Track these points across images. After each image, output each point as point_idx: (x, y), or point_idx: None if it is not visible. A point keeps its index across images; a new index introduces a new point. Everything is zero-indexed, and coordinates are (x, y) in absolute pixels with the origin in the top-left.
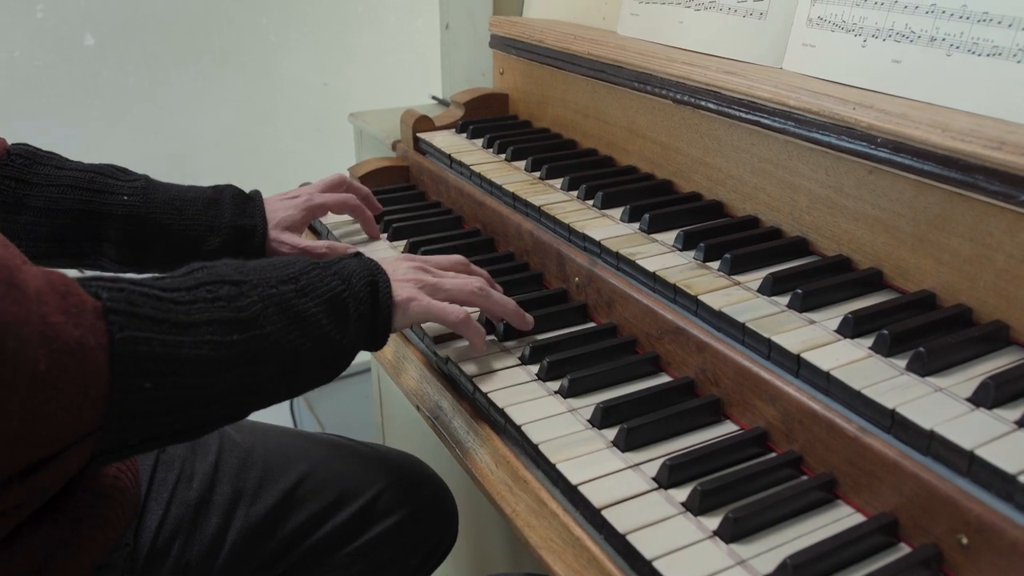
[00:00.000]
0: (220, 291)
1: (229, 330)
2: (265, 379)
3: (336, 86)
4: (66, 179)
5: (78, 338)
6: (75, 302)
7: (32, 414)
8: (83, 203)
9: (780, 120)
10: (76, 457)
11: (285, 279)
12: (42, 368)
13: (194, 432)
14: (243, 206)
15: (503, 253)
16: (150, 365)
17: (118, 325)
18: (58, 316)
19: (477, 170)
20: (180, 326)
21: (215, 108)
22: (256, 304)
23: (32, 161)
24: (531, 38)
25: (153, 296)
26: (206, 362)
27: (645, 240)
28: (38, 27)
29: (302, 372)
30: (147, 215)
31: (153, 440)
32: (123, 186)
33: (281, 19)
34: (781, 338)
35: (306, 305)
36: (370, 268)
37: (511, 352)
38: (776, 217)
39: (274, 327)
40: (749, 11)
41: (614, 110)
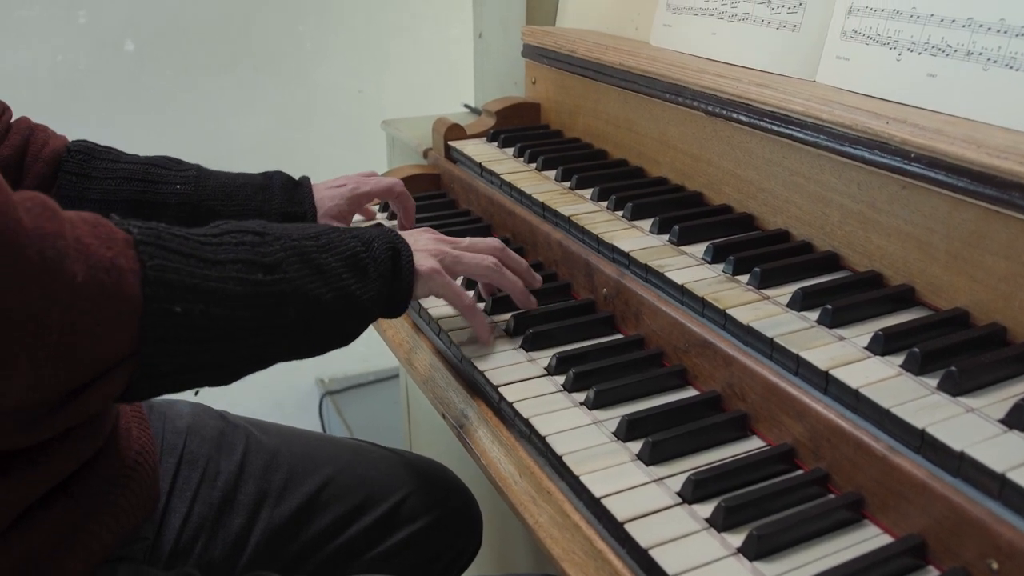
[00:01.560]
0: (244, 238)
1: (254, 269)
2: (288, 324)
3: (370, 93)
4: (122, 171)
5: (111, 258)
6: (106, 231)
7: (70, 327)
8: (138, 194)
9: (813, 133)
10: (115, 381)
11: (306, 236)
12: (79, 280)
13: (221, 372)
14: (292, 193)
15: (532, 263)
16: (179, 292)
17: (148, 254)
18: (91, 239)
19: (507, 179)
20: (207, 262)
21: (251, 113)
22: (279, 252)
23: (91, 156)
24: (563, 48)
25: (182, 236)
26: (232, 295)
27: (674, 252)
28: (80, 32)
29: (323, 322)
30: (199, 202)
31: (185, 372)
32: (176, 176)
33: (317, 26)
34: (810, 354)
35: (327, 259)
36: (391, 237)
37: (537, 362)
38: (807, 231)
39: (297, 274)
40: (783, 23)
41: (645, 121)
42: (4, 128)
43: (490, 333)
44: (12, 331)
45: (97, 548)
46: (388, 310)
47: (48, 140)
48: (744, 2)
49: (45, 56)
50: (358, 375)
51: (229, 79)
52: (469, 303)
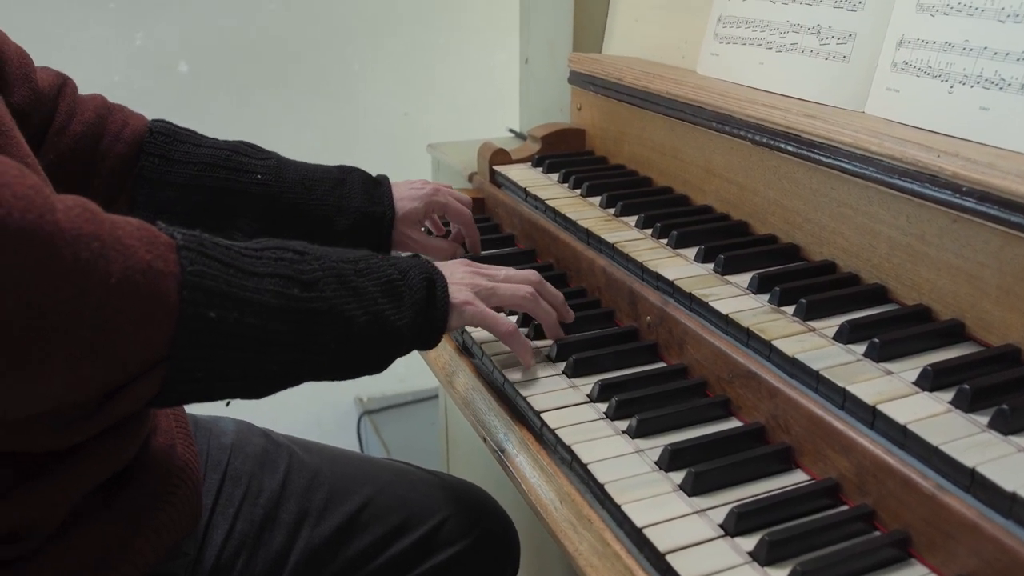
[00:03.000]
0: (284, 255)
1: (291, 285)
2: (321, 342)
3: (416, 116)
4: (204, 156)
5: (149, 261)
6: (149, 234)
7: (103, 325)
8: (220, 181)
9: (861, 165)
10: (148, 384)
11: (345, 260)
12: (113, 281)
13: (253, 383)
14: (372, 192)
15: (575, 289)
16: (215, 298)
17: (189, 259)
18: (132, 240)
19: (552, 204)
20: (246, 272)
21: (299, 134)
22: (317, 271)
23: (172, 139)
24: (610, 75)
25: (223, 246)
26: (267, 307)
27: (719, 282)
28: (137, 53)
29: (356, 344)
30: (279, 194)
31: (217, 380)
32: (257, 164)
33: (365, 49)
34: (856, 388)
35: (363, 283)
36: (427, 268)
37: (579, 389)
38: (854, 263)
39: (332, 293)
40: (832, 54)
41: (691, 149)
42: (70, 103)
43: (532, 356)
44: (47, 330)
45: (140, 563)
46: (422, 340)
47: (128, 120)
48: (793, 32)
49: (101, 77)
50: (397, 395)
51: (278, 100)
52: (507, 328)
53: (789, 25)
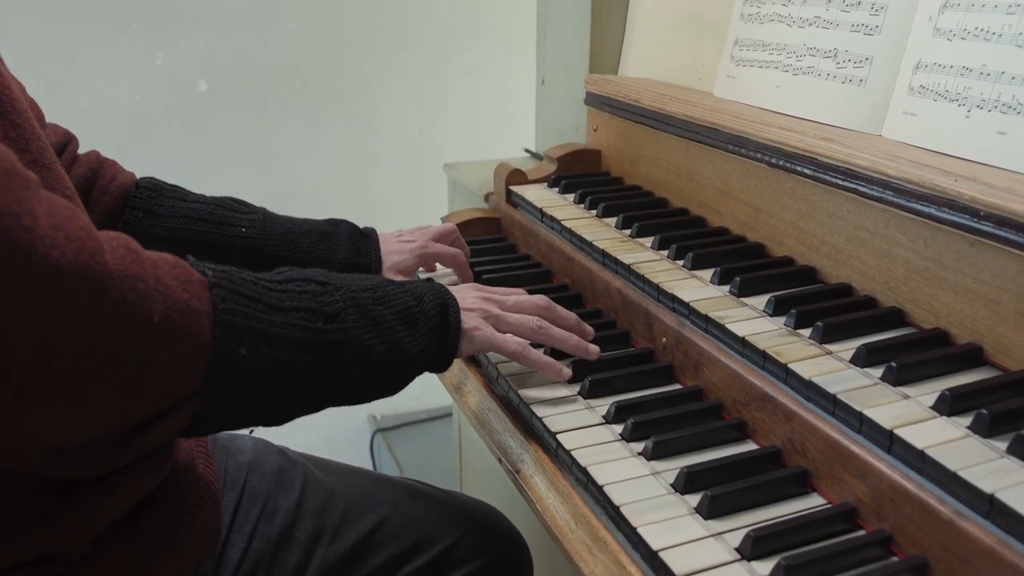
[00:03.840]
0: (308, 287)
1: (315, 318)
2: (344, 372)
3: (431, 135)
4: (189, 211)
5: (187, 300)
6: (184, 272)
7: (145, 363)
8: (204, 234)
9: (878, 189)
10: (179, 418)
11: (364, 288)
12: (155, 321)
13: (278, 414)
14: (359, 243)
15: (591, 310)
16: (247, 335)
17: (220, 297)
18: (171, 279)
19: (568, 225)
20: (273, 308)
21: (317, 152)
22: (338, 303)
23: (158, 193)
24: (627, 97)
25: (251, 280)
26: (294, 341)
27: (735, 304)
28: (157, 73)
29: (374, 371)
30: (264, 247)
31: (243, 412)
32: (242, 218)
33: (382, 68)
34: (873, 412)
35: (381, 312)
36: (441, 292)
37: (595, 410)
38: (871, 286)
39: (354, 324)
40: (849, 77)
41: (707, 171)
42: (71, 158)
43: (551, 367)
44: (93, 365)
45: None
46: (435, 364)
47: (116, 175)
48: (810, 55)
49: (123, 95)
50: (410, 413)
51: (296, 119)
52: (515, 348)
53: (806, 48)
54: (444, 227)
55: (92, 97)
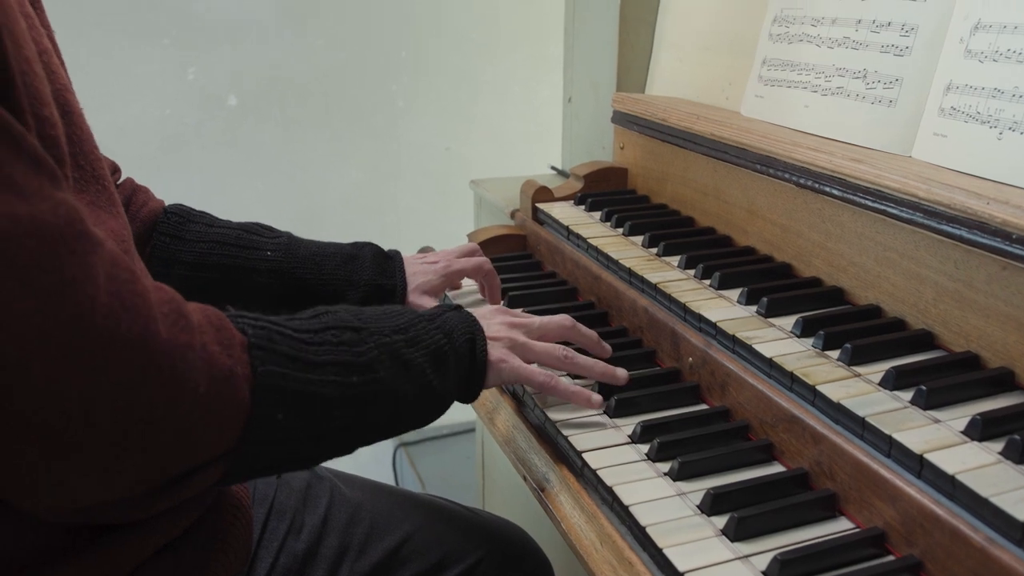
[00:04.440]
0: (343, 336)
1: (349, 372)
2: (374, 419)
3: (458, 151)
4: (215, 235)
5: (230, 367)
6: (227, 335)
7: (186, 429)
8: (229, 258)
9: (908, 211)
10: (212, 473)
11: (396, 329)
12: (201, 391)
13: (307, 462)
14: (383, 265)
15: (616, 328)
16: (284, 397)
17: (260, 359)
18: (215, 346)
19: (594, 243)
20: (310, 365)
21: (344, 168)
22: (373, 351)
23: (185, 219)
24: (654, 116)
25: (288, 335)
26: (329, 399)
27: (762, 324)
28: (188, 88)
29: (405, 415)
30: (289, 270)
31: (276, 466)
32: (267, 242)
33: (410, 85)
34: (903, 436)
35: (413, 355)
36: (470, 324)
37: (621, 429)
38: (900, 308)
39: (387, 372)
40: (878, 98)
41: (734, 190)
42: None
43: (581, 395)
44: (136, 431)
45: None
46: (463, 397)
47: (147, 201)
48: (839, 76)
49: (155, 110)
50: (433, 428)
51: (324, 134)
52: (544, 380)
53: (835, 69)
54: (467, 246)
55: (126, 112)
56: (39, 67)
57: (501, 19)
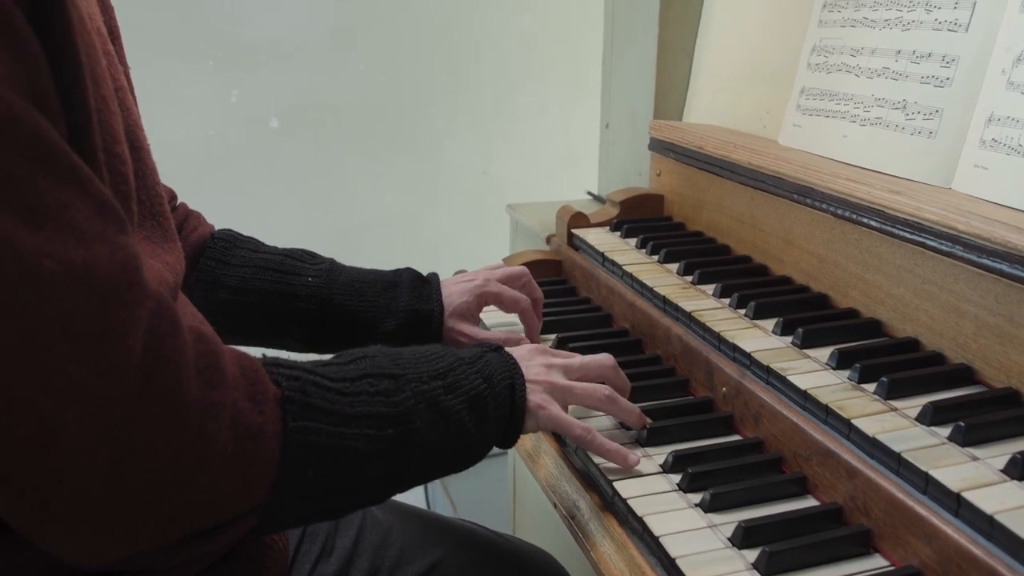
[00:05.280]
0: (380, 385)
1: (384, 424)
2: (408, 470)
3: (495, 174)
4: (259, 261)
5: (260, 424)
6: (260, 389)
7: (213, 487)
8: (271, 283)
9: (947, 243)
10: (238, 529)
11: (435, 374)
12: (229, 451)
13: (340, 514)
14: (420, 289)
15: (650, 356)
16: (315, 454)
17: (292, 414)
18: (245, 402)
19: (629, 270)
20: (344, 418)
21: (381, 189)
22: (410, 399)
23: (232, 244)
24: (691, 144)
25: (323, 387)
26: (362, 453)
27: (797, 355)
28: (232, 110)
29: (441, 464)
30: (328, 296)
31: (306, 519)
32: (309, 268)
33: (449, 108)
34: (940, 473)
35: (451, 402)
36: (510, 368)
37: (653, 458)
38: (938, 341)
39: (423, 422)
40: (918, 129)
41: (771, 219)
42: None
43: (617, 453)
44: (161, 486)
45: None
46: (500, 443)
47: (198, 226)
48: (878, 106)
49: (198, 131)
50: None
51: (362, 156)
52: (581, 434)
53: (874, 99)
54: (514, 269)
55: (171, 132)
56: (114, 104)
57: (539, 44)
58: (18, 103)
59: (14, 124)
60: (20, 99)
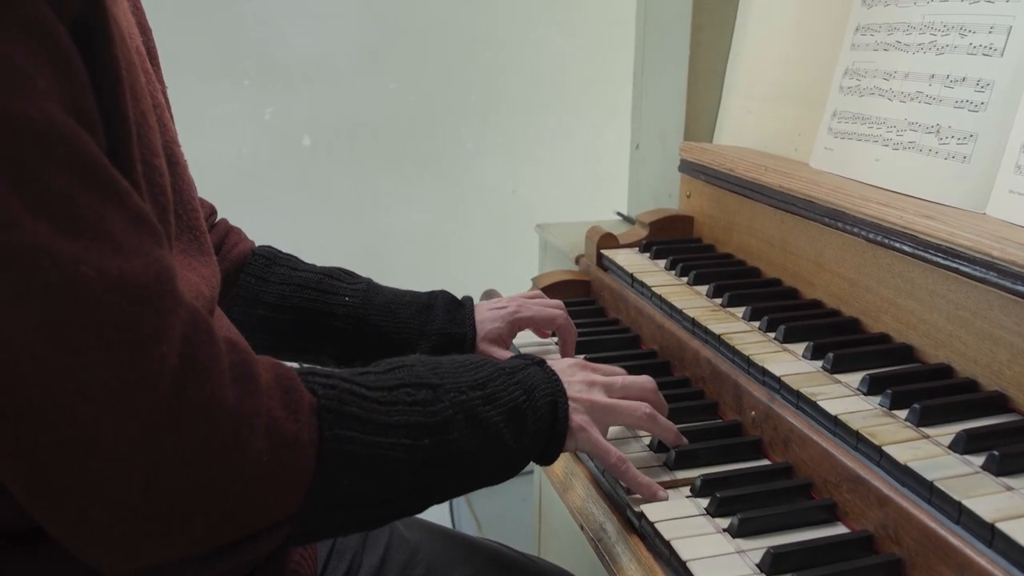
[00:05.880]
0: (418, 395)
1: (421, 434)
2: (444, 481)
3: (524, 194)
4: (297, 279)
5: (295, 432)
6: (295, 398)
7: (248, 495)
8: (309, 301)
9: (981, 269)
10: (273, 538)
11: (474, 384)
12: (264, 459)
13: (374, 525)
14: (454, 313)
15: (679, 378)
16: (351, 463)
17: (328, 423)
18: (280, 411)
19: (658, 292)
20: (380, 427)
21: (410, 208)
22: (447, 410)
23: (272, 262)
24: (721, 166)
25: (360, 395)
26: (398, 463)
27: (828, 380)
28: (265, 127)
29: (476, 476)
30: (364, 316)
31: (341, 529)
32: (346, 288)
33: (479, 128)
34: (974, 503)
35: (489, 414)
36: (552, 384)
37: (681, 482)
38: (972, 368)
39: (460, 433)
40: (952, 154)
41: (802, 242)
42: (207, 227)
43: (647, 486)
44: (194, 497)
45: None
46: (538, 459)
47: (238, 243)
48: (911, 130)
49: (232, 148)
50: None
51: (392, 174)
52: (614, 462)
53: (907, 123)
54: (548, 301)
55: (205, 149)
56: (152, 119)
57: (570, 64)
58: (60, 117)
59: (56, 138)
60: (63, 113)
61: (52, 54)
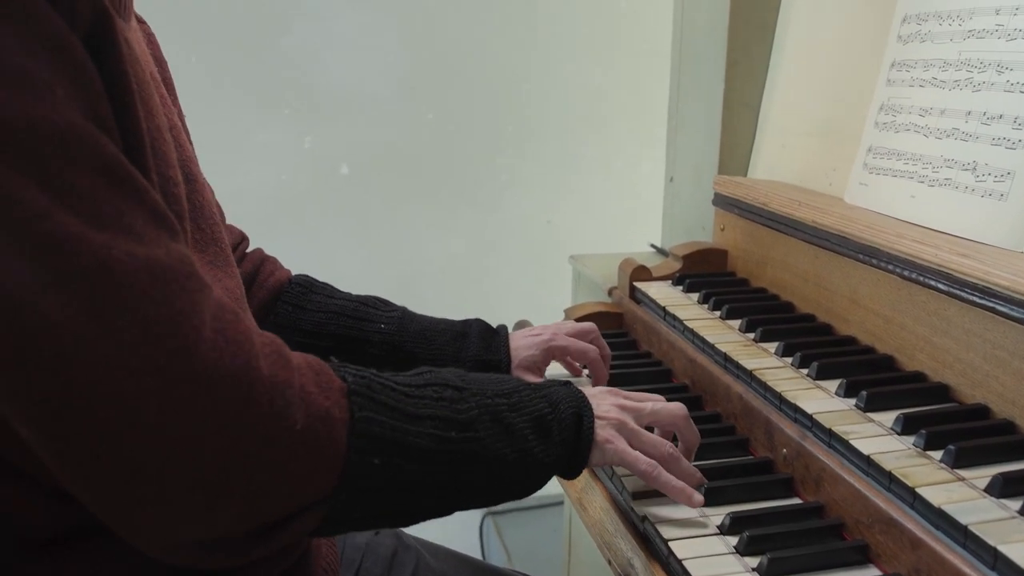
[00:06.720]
0: (444, 393)
1: (448, 427)
2: (472, 479)
3: (558, 224)
4: (334, 307)
5: (328, 408)
6: (326, 379)
7: (283, 466)
8: (345, 329)
9: (1019, 309)
10: (309, 521)
11: (499, 393)
12: (298, 428)
13: (404, 519)
14: (489, 340)
15: (710, 413)
16: (380, 444)
17: (358, 405)
18: (313, 387)
19: (690, 326)
20: (408, 416)
21: (445, 237)
22: (473, 410)
23: (308, 290)
24: (755, 200)
25: (388, 386)
26: (426, 451)
27: (861, 419)
28: (304, 156)
29: (504, 480)
30: (400, 344)
31: (370, 518)
32: (382, 315)
33: (515, 159)
34: (1010, 549)
35: (515, 419)
36: (577, 400)
37: (710, 518)
38: (1010, 410)
39: (486, 433)
40: (988, 191)
41: (836, 278)
42: (240, 256)
43: (683, 492)
44: (235, 466)
45: None
46: (564, 472)
47: (275, 271)
48: (947, 167)
49: (271, 176)
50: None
51: (428, 203)
52: (646, 469)
53: (943, 160)
54: (583, 325)
55: (245, 176)
56: (167, 135)
57: (606, 97)
58: (80, 122)
59: (77, 140)
60: (82, 119)
61: (69, 65)
